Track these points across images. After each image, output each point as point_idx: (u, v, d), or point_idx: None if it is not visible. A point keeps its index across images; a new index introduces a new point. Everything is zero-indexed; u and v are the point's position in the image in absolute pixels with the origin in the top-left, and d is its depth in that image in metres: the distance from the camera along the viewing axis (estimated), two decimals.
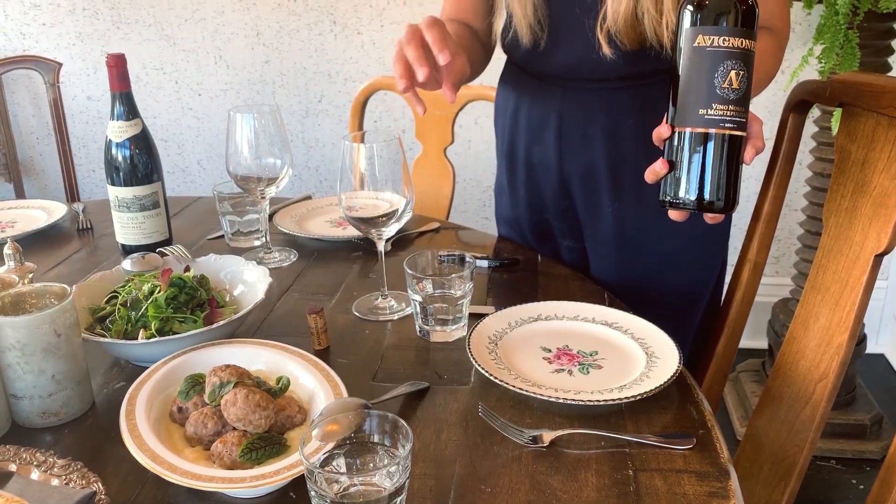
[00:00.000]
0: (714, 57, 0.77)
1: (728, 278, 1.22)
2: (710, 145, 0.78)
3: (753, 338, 2.39)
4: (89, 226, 1.37)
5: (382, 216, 1.01)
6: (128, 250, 1.23)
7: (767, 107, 2.28)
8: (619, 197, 1.13)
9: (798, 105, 1.06)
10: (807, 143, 2.11)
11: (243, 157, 1.16)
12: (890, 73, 1.84)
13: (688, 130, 0.79)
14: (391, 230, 1.02)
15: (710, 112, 0.78)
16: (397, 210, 1.00)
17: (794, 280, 2.10)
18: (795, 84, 1.08)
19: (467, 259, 0.98)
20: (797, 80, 1.93)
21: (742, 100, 0.78)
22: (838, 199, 0.96)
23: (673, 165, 0.81)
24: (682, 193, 0.81)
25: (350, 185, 0.98)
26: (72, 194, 1.81)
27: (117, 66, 1.17)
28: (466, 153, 2.48)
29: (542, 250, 1.25)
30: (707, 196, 0.80)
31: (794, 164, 1.11)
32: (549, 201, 1.20)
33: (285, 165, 1.18)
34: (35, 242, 1.29)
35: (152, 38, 2.45)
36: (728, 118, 0.78)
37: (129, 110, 1.19)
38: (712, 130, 0.78)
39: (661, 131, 0.82)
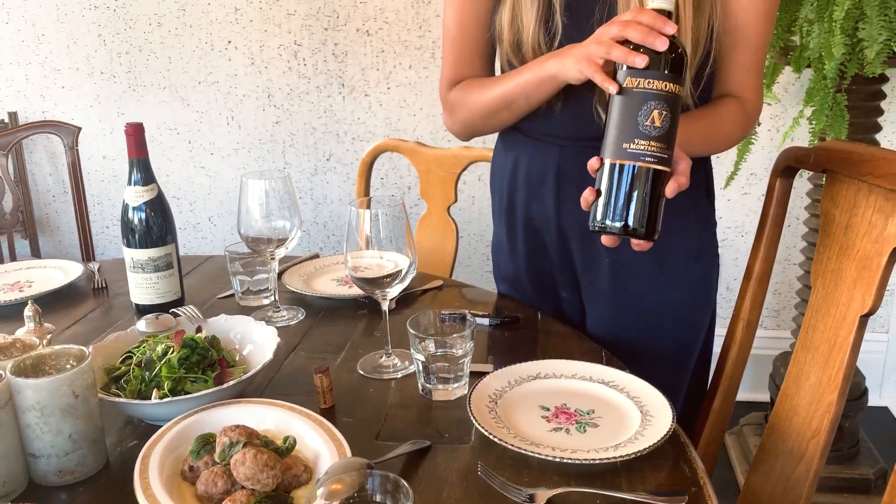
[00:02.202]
0: (639, 97, 0.85)
1: (723, 333, 1.25)
2: (633, 177, 0.86)
3: (756, 390, 2.40)
4: (104, 285, 1.42)
5: (387, 277, 1.06)
6: (141, 310, 1.27)
7: (765, 164, 2.34)
8: (615, 251, 1.17)
9: (785, 170, 1.11)
10: (803, 200, 2.16)
11: (254, 219, 1.21)
12: (879, 134, 1.90)
13: (613, 162, 0.87)
14: (395, 291, 1.06)
15: (632, 146, 0.85)
16: (401, 271, 1.05)
17: (793, 334, 2.12)
18: (783, 148, 1.13)
19: (468, 318, 1.02)
20: (790, 139, 1.99)
21: (664, 137, 0.85)
22: (824, 261, 1.00)
23: (600, 194, 0.88)
24: (608, 220, 0.88)
25: (356, 246, 1.03)
26: (87, 253, 1.86)
27: (135, 135, 1.23)
28: (470, 209, 2.53)
29: (541, 303, 1.29)
30: (631, 223, 0.87)
31: (782, 226, 1.15)
32: (548, 255, 1.24)
33: (294, 227, 1.23)
34: (52, 301, 1.34)
35: (167, 99, 2.54)
36: (649, 153, 0.85)
37: (146, 176, 1.25)
38: (635, 163, 0.85)
39: (592, 163, 0.90)
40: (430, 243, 1.76)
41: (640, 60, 0.86)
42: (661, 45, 0.85)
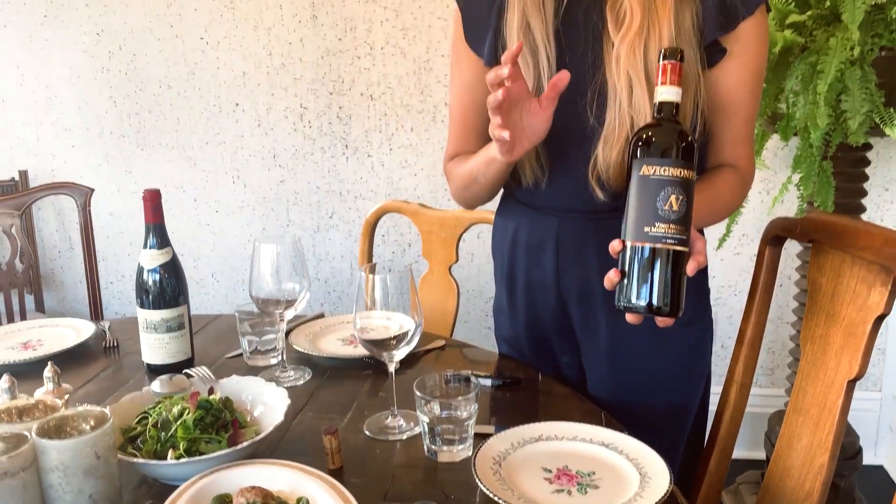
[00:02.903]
0: (657, 184, 0.91)
1: (717, 396, 1.29)
2: (655, 258, 0.91)
3: (752, 448, 2.42)
4: (115, 344, 1.45)
5: (393, 339, 1.10)
6: (153, 369, 1.31)
7: (756, 225, 2.40)
8: (613, 312, 1.22)
9: (774, 239, 1.16)
10: (794, 260, 2.21)
11: (266, 282, 1.26)
12: (866, 199, 1.96)
13: (636, 245, 0.92)
14: (402, 353, 1.10)
15: (653, 230, 0.91)
16: (407, 333, 1.09)
17: (787, 392, 2.16)
18: (772, 216, 1.19)
19: (472, 381, 1.06)
20: (780, 202, 2.05)
21: (682, 220, 0.91)
22: (812, 327, 1.05)
23: (625, 275, 0.93)
24: (633, 299, 0.93)
25: (364, 308, 1.07)
26: (96, 312, 1.90)
27: (152, 201, 1.28)
28: (469, 266, 2.59)
29: (541, 367, 1.33)
30: (655, 302, 0.92)
31: (773, 292, 1.20)
32: (547, 319, 1.28)
33: (303, 290, 1.27)
34: (64, 360, 1.37)
35: (174, 159, 2.61)
36: (669, 235, 0.91)
37: (162, 241, 1.30)
38: (656, 245, 0.91)
39: (615, 245, 0.95)
40: (432, 302, 1.81)
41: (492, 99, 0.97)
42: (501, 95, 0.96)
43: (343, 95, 2.50)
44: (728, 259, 2.44)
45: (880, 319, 0.94)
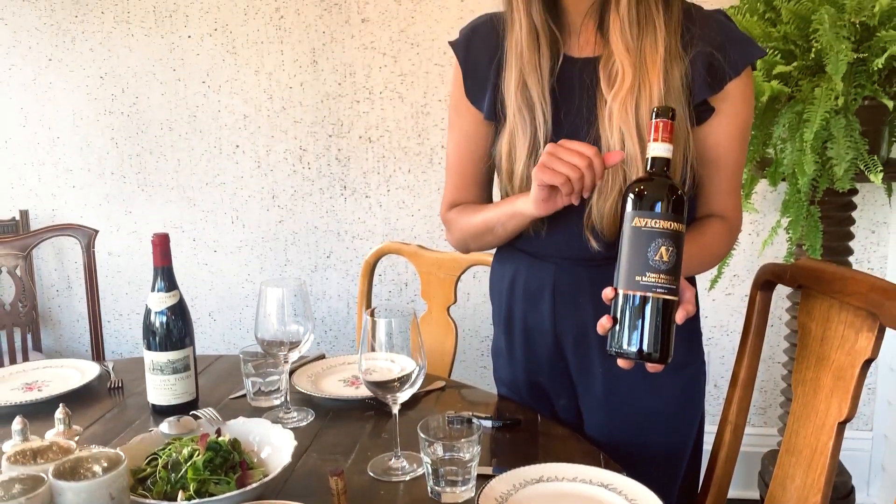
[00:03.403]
0: (648, 235, 0.95)
1: (711, 436, 1.32)
2: (645, 306, 0.95)
3: (746, 488, 2.44)
4: (120, 385, 1.47)
5: (396, 381, 1.13)
6: (158, 410, 1.33)
7: (746, 266, 2.45)
8: (608, 357, 1.25)
9: (764, 284, 1.21)
10: (784, 301, 2.26)
11: (272, 324, 1.29)
12: (853, 241, 2.02)
13: (627, 293, 0.96)
14: (405, 395, 1.13)
15: (644, 279, 0.95)
16: (411, 375, 1.12)
17: (779, 432, 2.18)
18: (762, 261, 1.23)
19: (474, 422, 1.09)
20: (769, 245, 2.10)
21: (672, 270, 0.95)
22: (803, 370, 1.09)
23: (617, 321, 0.97)
24: (624, 345, 0.97)
25: (369, 350, 1.11)
26: (98, 352, 1.92)
27: (161, 245, 1.32)
28: (465, 305, 2.62)
29: (539, 409, 1.36)
30: (645, 348, 0.96)
31: (764, 335, 1.24)
32: (545, 363, 1.31)
33: (308, 332, 1.30)
34: (69, 401, 1.38)
35: (174, 199, 2.64)
36: (659, 285, 0.95)
37: (170, 284, 1.33)
38: (647, 294, 0.95)
39: (607, 292, 0.99)
40: (431, 343, 1.84)
41: (574, 199, 1.04)
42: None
43: (342, 138, 2.55)
44: (720, 299, 2.49)
45: (868, 363, 0.98)
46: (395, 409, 1.15)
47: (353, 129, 2.54)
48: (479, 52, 1.25)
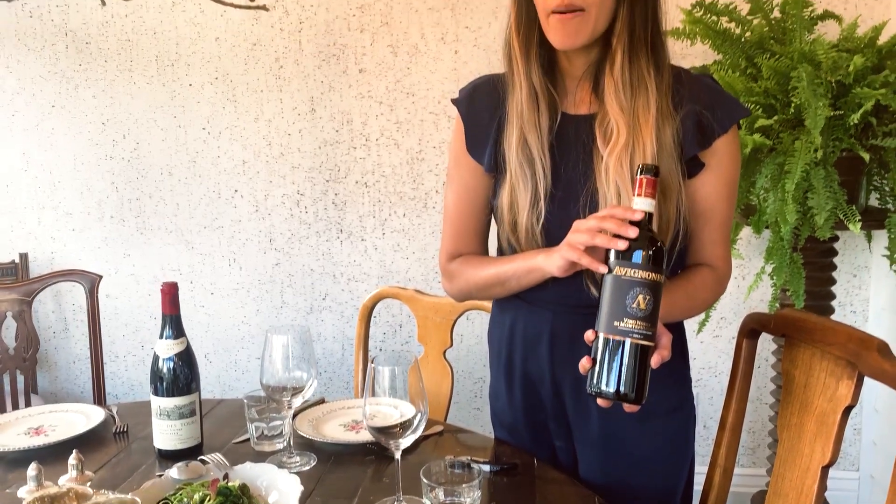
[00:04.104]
0: (628, 284, 1.01)
1: (701, 476, 1.37)
2: (623, 350, 1.01)
3: None
4: (125, 429, 1.50)
5: (398, 427, 1.17)
6: (164, 455, 1.36)
7: (733, 308, 2.52)
8: None
9: (750, 332, 1.26)
10: (770, 344, 2.32)
11: (277, 370, 1.33)
12: (835, 286, 2.09)
13: (606, 337, 1.02)
14: (407, 441, 1.18)
15: (622, 324, 1.01)
16: (413, 421, 1.17)
17: (767, 472, 2.23)
18: (748, 313, 1.29)
19: (474, 467, 1.13)
20: (756, 289, 2.17)
21: (649, 317, 1.01)
22: (787, 416, 1.14)
23: (596, 362, 1.03)
24: (602, 386, 1.03)
25: (374, 396, 1.15)
26: (100, 396, 1.95)
27: (170, 293, 1.37)
28: (459, 347, 2.66)
29: (536, 450, 1.40)
30: (622, 389, 1.01)
31: (750, 381, 1.29)
32: (543, 405, 1.36)
33: (311, 378, 1.34)
34: (76, 447, 1.42)
35: (172, 242, 2.69)
36: (636, 330, 1.01)
37: (177, 331, 1.37)
38: (624, 339, 1.01)
39: (588, 335, 1.05)
40: (427, 386, 1.85)
41: (622, 244, 1.03)
42: (633, 233, 1.02)
43: (339, 183, 2.62)
44: (707, 342, 2.54)
45: (848, 410, 1.03)
46: (398, 455, 1.19)
47: (350, 175, 2.61)
48: (480, 109, 1.32)
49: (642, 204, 1.04)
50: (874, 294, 2.45)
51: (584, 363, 1.04)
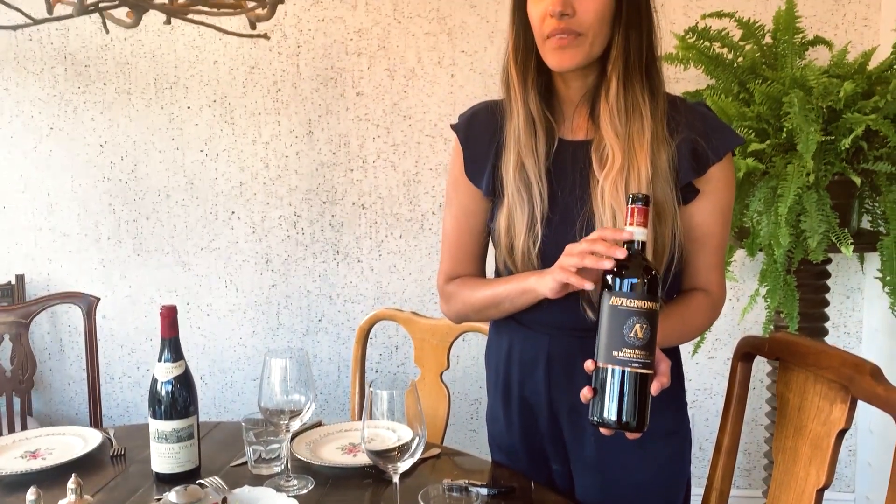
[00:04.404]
0: (624, 314, 1.02)
1: (697, 498, 1.37)
2: (622, 379, 1.02)
3: None
4: (122, 452, 1.50)
5: (396, 450, 1.18)
6: (161, 478, 1.36)
7: (728, 330, 2.53)
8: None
9: (744, 356, 1.28)
10: (765, 365, 2.33)
11: (275, 393, 1.33)
12: (829, 308, 2.10)
13: (606, 366, 1.03)
14: (405, 465, 1.18)
15: (620, 354, 1.02)
16: (411, 445, 1.17)
17: (763, 494, 2.23)
18: (742, 337, 1.31)
19: (471, 491, 1.14)
20: (752, 310, 2.18)
21: (646, 346, 1.02)
22: (782, 439, 1.15)
23: (597, 392, 1.04)
24: (604, 415, 1.04)
25: (373, 420, 1.16)
26: (96, 419, 1.95)
27: (169, 316, 1.37)
28: (455, 368, 2.66)
29: (534, 473, 1.40)
30: (623, 418, 1.02)
31: (745, 404, 1.30)
32: (540, 429, 1.37)
33: (309, 401, 1.35)
34: (73, 470, 1.41)
35: (169, 264, 2.70)
36: (634, 359, 1.02)
37: (176, 355, 1.38)
38: (623, 368, 1.02)
39: (588, 365, 1.06)
40: (424, 408, 1.85)
41: (608, 263, 1.04)
42: (621, 254, 1.05)
43: (336, 205, 2.63)
44: (703, 363, 2.56)
45: (842, 433, 1.04)
46: (396, 478, 1.20)
47: (347, 196, 2.63)
48: (479, 134, 1.34)
49: (634, 233, 1.06)
50: (867, 315, 2.47)
51: (585, 393, 1.05)
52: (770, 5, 2.35)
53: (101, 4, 1.05)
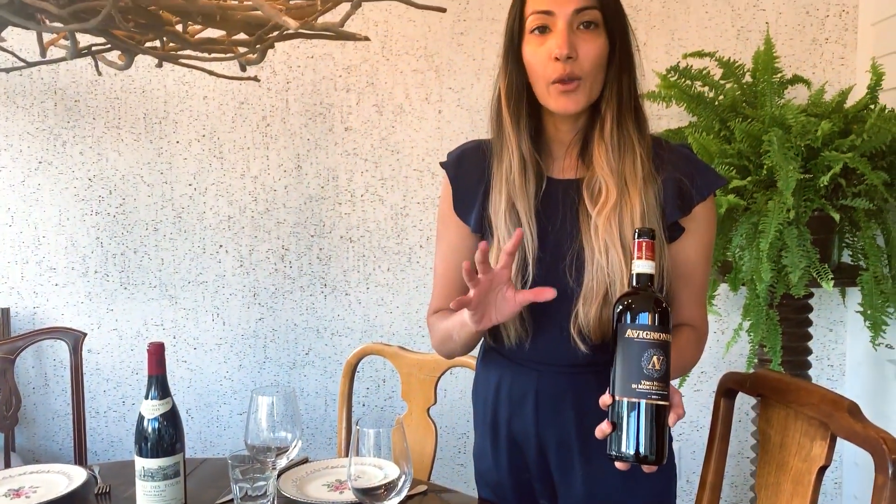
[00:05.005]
0: (640, 346, 1.04)
1: None
2: (641, 411, 1.03)
3: None
4: (107, 490, 1.49)
5: (382, 489, 1.18)
6: None
7: (713, 362, 2.55)
8: (588, 462, 1.32)
9: (726, 392, 1.29)
10: (751, 399, 2.34)
11: (262, 429, 1.34)
12: (812, 341, 2.13)
13: (623, 399, 1.04)
14: (392, 503, 1.18)
15: (639, 386, 1.03)
16: (398, 483, 1.18)
17: None
18: (725, 372, 1.33)
19: None
20: (736, 342, 2.20)
21: (663, 377, 1.03)
22: (765, 475, 1.16)
23: (615, 426, 1.04)
24: (623, 448, 1.04)
25: (359, 457, 1.16)
26: (81, 456, 1.93)
27: (157, 354, 1.37)
28: (442, 402, 2.65)
29: None
30: (642, 451, 1.02)
31: (728, 439, 1.32)
32: (528, 465, 1.38)
33: (296, 438, 1.35)
34: None
35: (156, 297, 2.70)
36: (653, 391, 1.02)
37: (163, 392, 1.38)
38: (642, 400, 1.02)
39: (605, 399, 1.07)
40: (410, 444, 1.85)
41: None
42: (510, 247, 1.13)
43: (324, 238, 2.65)
44: (689, 396, 2.57)
45: (823, 469, 1.06)
46: None
47: (335, 230, 2.64)
48: (468, 171, 1.37)
49: (643, 266, 1.08)
50: (850, 348, 2.50)
51: (603, 428, 1.05)
52: (749, 45, 2.41)
53: (93, 48, 1.07)
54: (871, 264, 1.90)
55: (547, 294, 1.14)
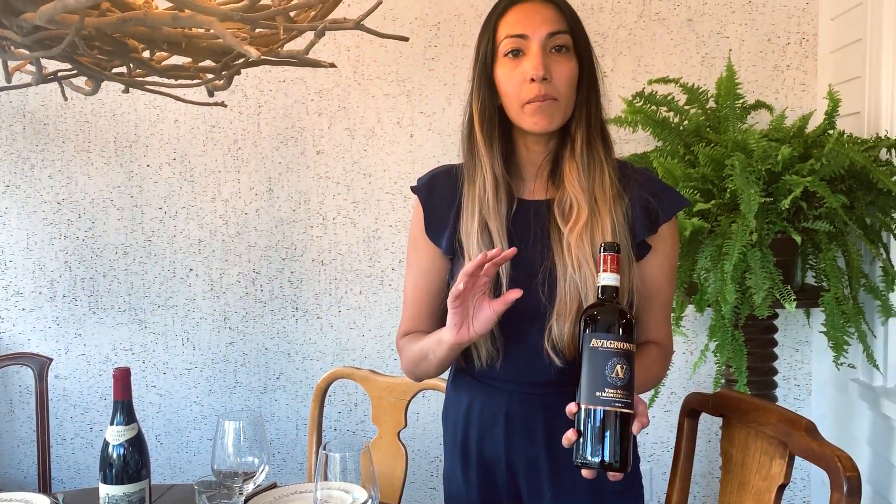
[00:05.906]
0: (605, 355, 1.06)
1: None
2: (605, 419, 1.05)
3: None
4: None
5: None
6: None
7: (681, 383, 2.58)
8: (557, 484, 1.33)
9: (690, 412, 1.31)
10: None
11: (228, 455, 1.33)
12: (777, 361, 2.16)
13: (589, 407, 1.06)
14: None
15: (603, 394, 1.05)
16: None
17: None
18: (689, 393, 1.34)
19: None
20: (703, 363, 2.23)
21: (627, 386, 1.06)
22: (727, 494, 1.18)
23: (580, 434, 1.06)
24: (588, 456, 1.06)
25: (326, 481, 1.16)
26: (45, 484, 1.90)
27: (122, 379, 1.36)
28: (414, 425, 2.66)
29: None
30: (607, 459, 1.05)
31: (693, 459, 1.33)
32: (498, 487, 1.38)
33: (263, 463, 1.35)
34: None
35: (125, 321, 2.67)
36: (617, 399, 1.05)
37: (129, 417, 1.37)
38: (606, 408, 1.05)
39: (570, 408, 1.09)
40: (381, 468, 1.86)
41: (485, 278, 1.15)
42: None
43: (295, 261, 2.65)
44: (659, 416, 2.59)
45: (782, 488, 1.08)
46: None
47: (307, 253, 2.64)
48: (439, 195, 1.39)
49: (608, 279, 1.11)
50: (816, 368, 2.54)
51: (569, 436, 1.07)
52: (713, 71, 2.46)
53: (59, 74, 1.08)
54: (833, 285, 1.94)
55: (514, 294, 1.16)
